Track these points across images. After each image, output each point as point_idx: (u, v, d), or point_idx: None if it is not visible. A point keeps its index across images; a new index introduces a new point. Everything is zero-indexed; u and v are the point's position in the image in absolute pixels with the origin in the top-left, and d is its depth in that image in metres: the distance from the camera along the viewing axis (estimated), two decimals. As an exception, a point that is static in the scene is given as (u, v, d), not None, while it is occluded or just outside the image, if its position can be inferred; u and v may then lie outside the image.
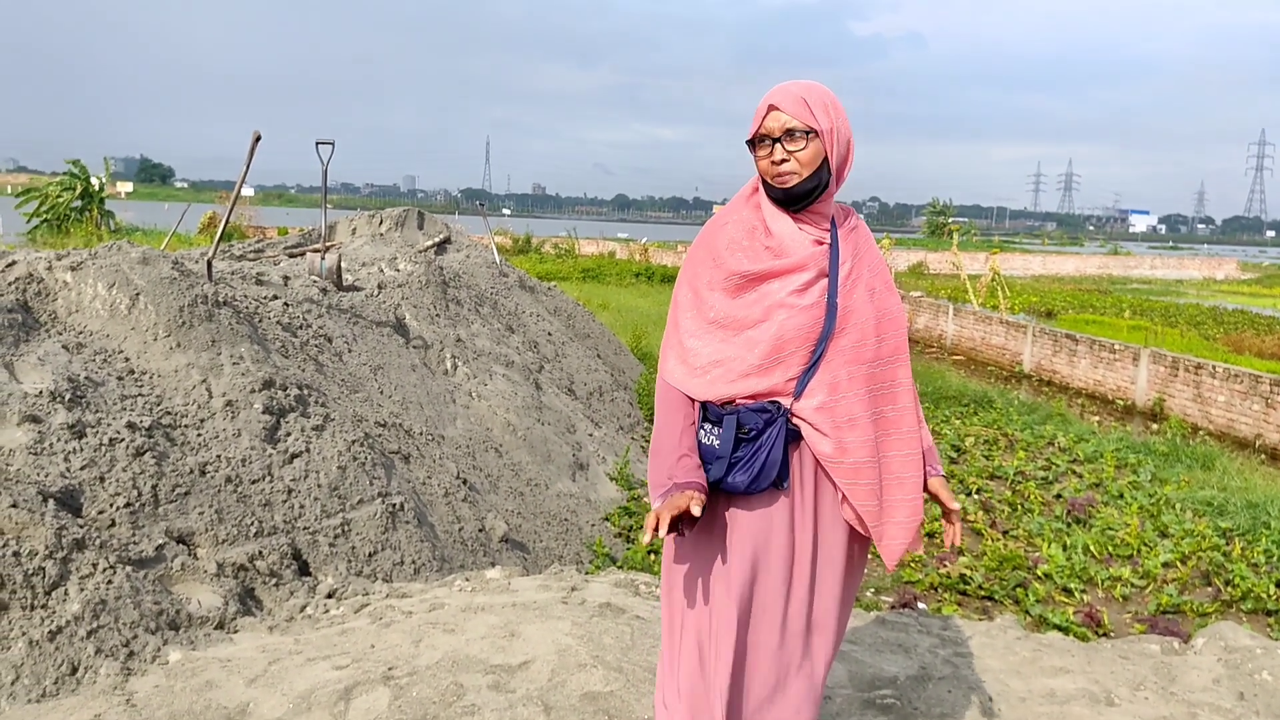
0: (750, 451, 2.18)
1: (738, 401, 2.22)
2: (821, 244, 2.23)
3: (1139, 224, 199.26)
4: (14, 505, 3.58)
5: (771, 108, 2.19)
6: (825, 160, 2.19)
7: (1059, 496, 8.49)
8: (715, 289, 2.26)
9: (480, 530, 5.74)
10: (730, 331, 2.23)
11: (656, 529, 2.13)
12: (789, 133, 2.17)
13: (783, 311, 2.18)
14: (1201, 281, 46.03)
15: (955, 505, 2.37)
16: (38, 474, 3.86)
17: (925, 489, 2.37)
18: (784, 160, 2.17)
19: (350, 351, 6.63)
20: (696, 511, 2.14)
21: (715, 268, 2.26)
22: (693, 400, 2.26)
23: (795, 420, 2.21)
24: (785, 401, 2.21)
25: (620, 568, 6.00)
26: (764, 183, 2.24)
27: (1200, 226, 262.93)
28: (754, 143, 2.22)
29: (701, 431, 2.25)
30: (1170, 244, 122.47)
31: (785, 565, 2.24)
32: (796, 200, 2.20)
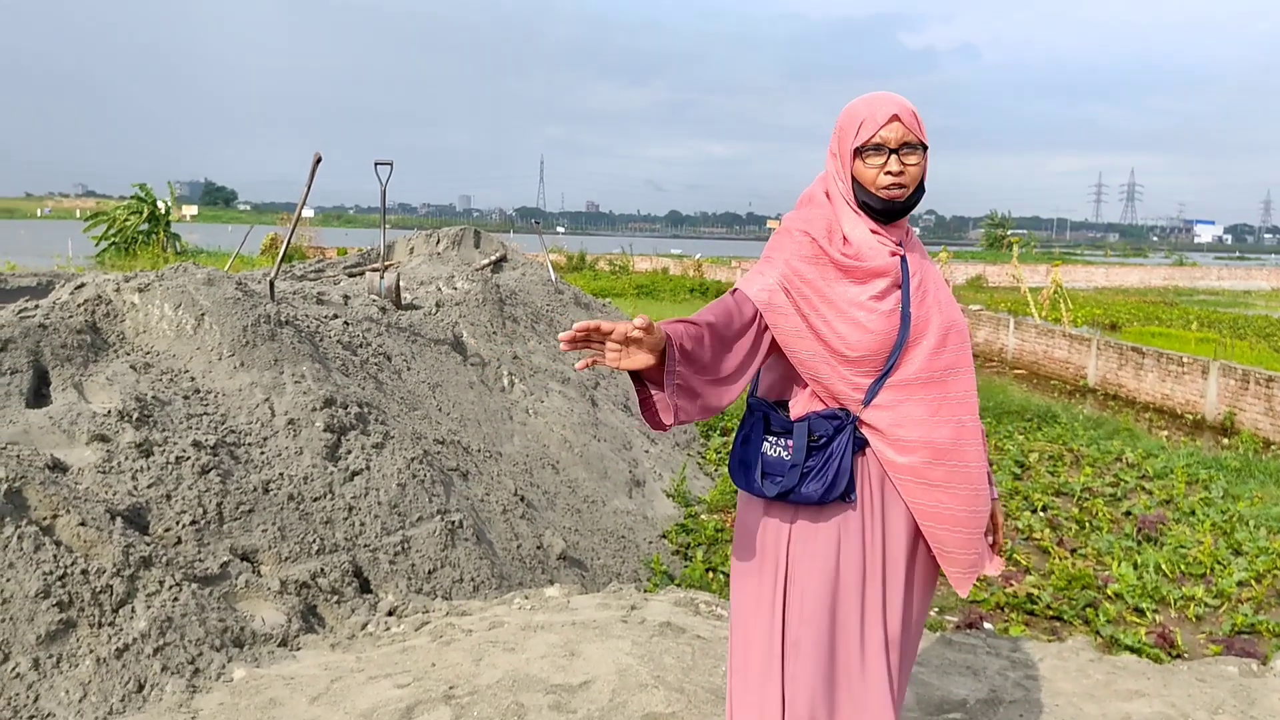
0: (822, 460, 2.13)
1: (807, 410, 2.18)
2: (896, 254, 2.19)
3: (1204, 234, 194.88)
4: (82, 523, 3.64)
5: (894, 117, 2.12)
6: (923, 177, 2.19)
7: (1128, 514, 8.28)
8: (810, 262, 2.16)
9: (538, 547, 5.74)
10: (813, 294, 2.13)
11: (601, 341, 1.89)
12: (906, 145, 2.13)
13: (862, 312, 2.13)
14: (1270, 292, 44.80)
15: (1000, 536, 2.42)
16: (106, 492, 3.93)
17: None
18: (901, 173, 2.13)
19: (409, 369, 6.68)
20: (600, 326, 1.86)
21: (810, 225, 2.17)
22: (740, 321, 2.08)
23: (863, 429, 2.16)
24: (854, 409, 2.16)
25: (679, 585, 5.95)
26: (857, 190, 2.18)
27: (1268, 236, 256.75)
28: (860, 150, 2.15)
29: (766, 444, 2.20)
30: (1237, 254, 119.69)
31: (859, 581, 2.18)
32: (898, 214, 2.17)
